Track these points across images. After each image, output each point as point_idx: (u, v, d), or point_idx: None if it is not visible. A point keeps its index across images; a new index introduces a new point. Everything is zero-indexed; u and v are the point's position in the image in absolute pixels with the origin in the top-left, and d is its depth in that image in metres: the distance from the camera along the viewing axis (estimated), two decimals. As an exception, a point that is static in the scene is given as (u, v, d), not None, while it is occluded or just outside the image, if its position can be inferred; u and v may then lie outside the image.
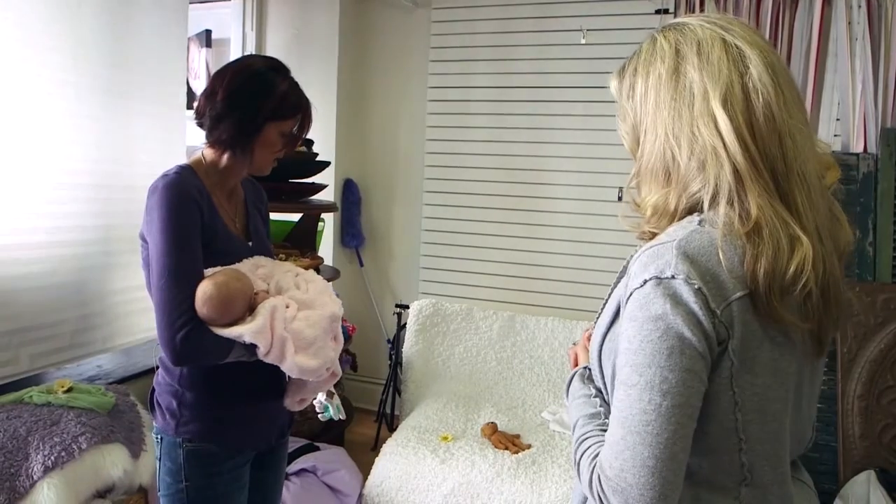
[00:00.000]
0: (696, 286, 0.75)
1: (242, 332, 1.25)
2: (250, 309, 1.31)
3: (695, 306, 0.74)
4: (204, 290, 1.25)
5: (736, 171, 0.78)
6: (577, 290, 3.13)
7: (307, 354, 1.31)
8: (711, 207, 0.81)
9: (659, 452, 0.73)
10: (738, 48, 0.82)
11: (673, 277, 0.75)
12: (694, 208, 0.84)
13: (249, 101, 1.34)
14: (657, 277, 0.76)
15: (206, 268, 1.31)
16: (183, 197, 1.28)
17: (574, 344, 1.07)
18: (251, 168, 1.42)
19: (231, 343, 1.26)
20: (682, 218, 0.84)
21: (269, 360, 1.28)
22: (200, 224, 1.30)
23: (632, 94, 0.89)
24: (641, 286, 0.77)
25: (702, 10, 2.76)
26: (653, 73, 0.86)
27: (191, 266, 1.27)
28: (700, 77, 0.81)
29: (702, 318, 0.74)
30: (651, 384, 0.74)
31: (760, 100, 0.79)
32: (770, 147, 0.79)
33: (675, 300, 0.75)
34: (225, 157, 1.37)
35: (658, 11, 2.87)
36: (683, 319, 0.74)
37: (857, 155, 2.56)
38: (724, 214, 0.78)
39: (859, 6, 2.57)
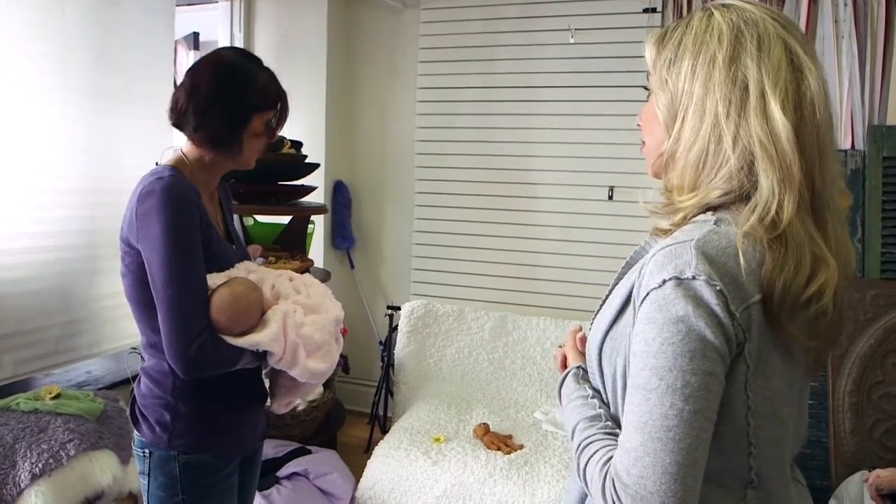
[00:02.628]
0: (717, 287, 0.72)
1: (259, 339, 1.23)
2: None
3: (717, 308, 0.72)
4: (223, 299, 1.22)
5: (783, 179, 0.75)
6: (568, 290, 3.13)
7: (316, 358, 1.32)
8: (732, 207, 0.79)
9: (681, 459, 0.71)
10: (797, 55, 0.79)
11: (694, 278, 0.73)
12: (711, 204, 0.81)
13: (234, 93, 1.30)
14: (677, 278, 0.73)
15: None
16: (184, 200, 1.22)
17: (560, 346, 1.04)
18: (240, 163, 1.38)
19: (241, 351, 1.25)
20: (699, 212, 0.82)
21: (280, 366, 1.28)
22: (199, 227, 1.26)
23: (673, 68, 0.83)
24: (660, 286, 0.74)
25: (689, 9, 2.77)
26: (705, 52, 0.80)
27: (197, 274, 1.23)
28: (758, 72, 0.77)
29: (723, 320, 0.72)
30: (673, 388, 0.72)
31: (817, 115, 0.78)
32: (813, 163, 0.77)
33: (697, 301, 0.72)
34: (211, 153, 1.33)
35: (646, 10, 2.87)
36: (706, 321, 0.72)
37: (845, 152, 2.57)
38: (747, 220, 0.76)
39: (845, 4, 2.59)
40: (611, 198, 3.02)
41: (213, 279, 1.27)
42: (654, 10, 2.86)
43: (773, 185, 0.75)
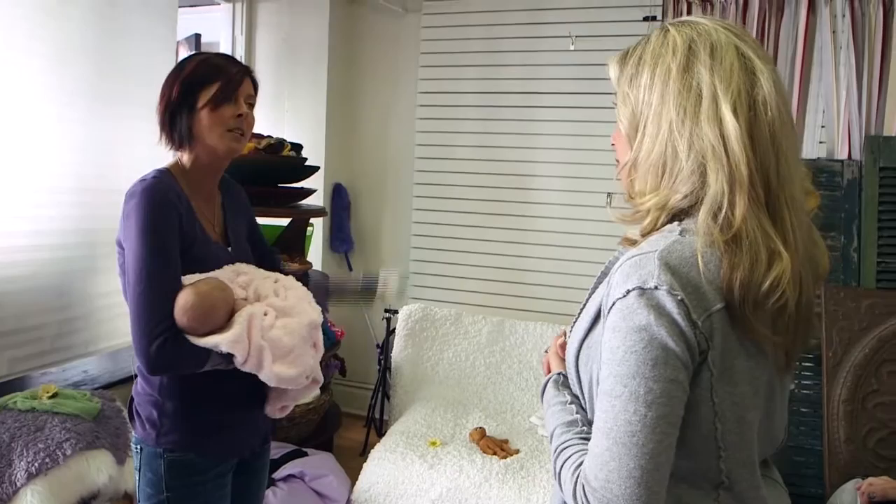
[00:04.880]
0: (678, 297, 0.75)
1: (219, 341, 1.22)
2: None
3: (678, 317, 0.75)
4: (185, 299, 1.22)
5: (732, 179, 0.78)
6: (565, 296, 3.14)
7: (285, 363, 1.28)
8: (692, 214, 0.82)
9: (644, 463, 0.73)
10: (749, 59, 0.82)
11: (656, 288, 0.75)
12: (678, 214, 0.84)
13: (170, 87, 1.36)
14: (640, 288, 0.76)
15: (185, 274, 1.28)
16: (161, 202, 1.26)
17: (546, 351, 1.07)
18: (218, 153, 1.37)
19: (208, 352, 1.24)
20: (666, 221, 0.85)
21: (246, 368, 1.26)
22: (179, 229, 1.28)
23: (634, 83, 0.87)
24: (624, 296, 0.77)
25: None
26: (661, 65, 0.84)
27: (168, 273, 1.25)
28: (711, 79, 0.80)
29: (684, 329, 0.75)
30: (636, 395, 0.74)
31: (768, 114, 0.80)
32: (767, 162, 0.79)
33: (659, 311, 0.75)
34: (185, 155, 1.37)
35: (646, 18, 2.89)
36: (667, 330, 0.75)
37: (842, 161, 2.59)
38: (703, 223, 0.78)
39: (843, 15, 2.61)
40: (609, 204, 3.02)
41: (191, 280, 1.27)
42: (653, 19, 2.88)
43: (723, 184, 0.78)
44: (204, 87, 1.33)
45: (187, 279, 1.27)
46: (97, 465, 1.84)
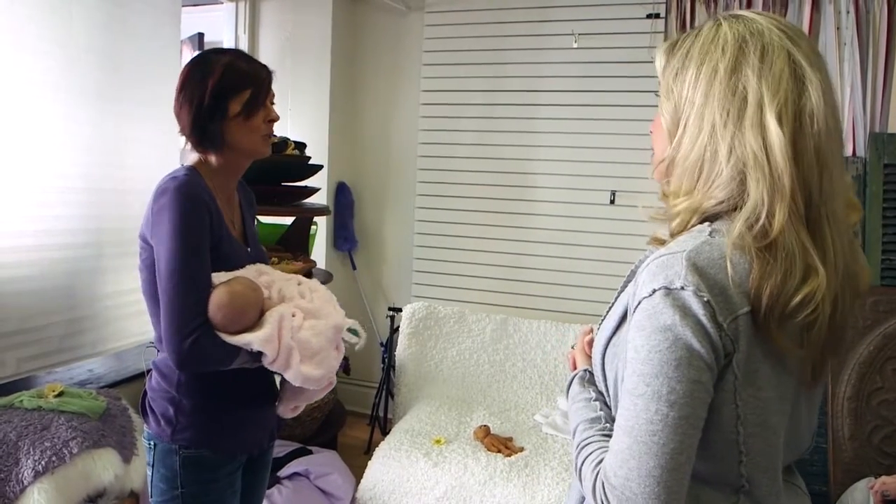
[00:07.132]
0: (705, 298, 0.74)
1: (251, 339, 1.24)
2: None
3: (703, 318, 0.74)
4: (220, 297, 1.24)
5: (773, 190, 0.76)
6: (569, 293, 3.14)
7: (312, 364, 1.31)
8: (726, 217, 0.81)
9: (665, 463, 0.73)
10: (800, 66, 0.79)
11: (682, 288, 0.75)
12: (710, 215, 0.83)
13: (195, 88, 1.32)
14: (666, 288, 0.75)
15: (211, 272, 1.29)
16: (194, 199, 1.26)
17: (573, 347, 1.06)
18: (241, 153, 1.37)
19: (237, 350, 1.26)
20: (697, 222, 0.84)
21: (274, 367, 1.28)
22: (210, 228, 1.29)
23: (679, 77, 0.85)
24: (650, 296, 0.76)
25: (692, 15, 2.78)
26: (708, 63, 0.81)
27: (201, 271, 1.26)
28: (758, 84, 0.78)
29: (710, 330, 0.74)
30: (658, 394, 0.74)
31: (814, 127, 0.77)
32: (810, 174, 0.77)
33: (685, 311, 0.74)
34: (212, 156, 1.37)
35: (649, 16, 2.89)
36: (692, 331, 0.74)
37: (847, 159, 2.58)
38: (738, 231, 0.77)
39: (847, 12, 2.60)
40: (612, 202, 3.03)
41: (219, 278, 1.29)
42: (657, 16, 2.87)
43: (763, 194, 0.77)
44: (235, 95, 1.33)
45: (216, 277, 1.29)
46: (103, 463, 1.85)
